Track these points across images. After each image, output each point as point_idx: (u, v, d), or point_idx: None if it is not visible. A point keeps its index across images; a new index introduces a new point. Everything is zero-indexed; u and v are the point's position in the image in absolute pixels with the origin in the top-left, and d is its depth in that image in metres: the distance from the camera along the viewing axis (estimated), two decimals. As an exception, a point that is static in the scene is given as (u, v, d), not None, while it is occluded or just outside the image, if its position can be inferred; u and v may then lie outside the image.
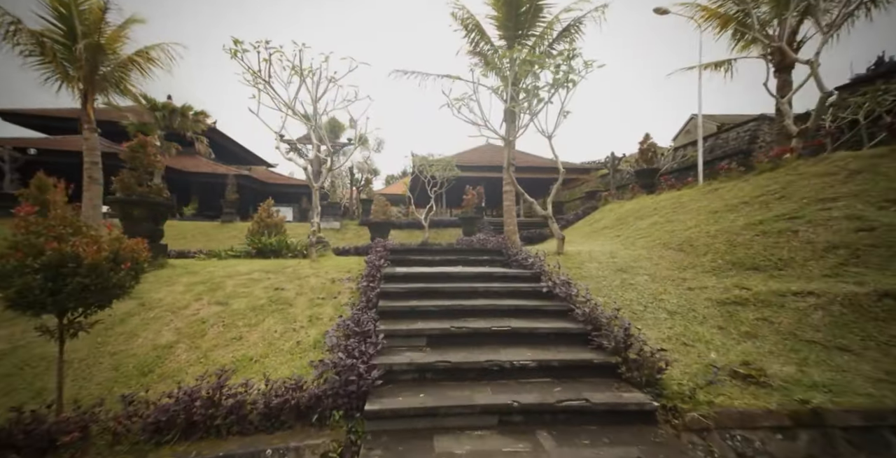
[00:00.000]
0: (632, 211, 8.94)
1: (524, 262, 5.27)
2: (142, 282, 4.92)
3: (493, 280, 4.60)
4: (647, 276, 4.91)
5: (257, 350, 3.63)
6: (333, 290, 4.97)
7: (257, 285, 5.01)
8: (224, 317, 4.17)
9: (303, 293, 4.84)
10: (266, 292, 4.79)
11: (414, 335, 3.29)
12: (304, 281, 5.22)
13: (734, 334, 3.40)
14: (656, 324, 3.81)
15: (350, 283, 5.23)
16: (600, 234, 8.54)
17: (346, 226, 17.33)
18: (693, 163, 16.72)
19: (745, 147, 14.57)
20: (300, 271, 5.64)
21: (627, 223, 8.09)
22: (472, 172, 20.09)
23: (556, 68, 5.64)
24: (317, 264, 6.11)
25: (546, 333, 3.37)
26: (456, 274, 4.68)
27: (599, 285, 4.83)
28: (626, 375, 2.79)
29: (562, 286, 4.05)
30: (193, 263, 5.88)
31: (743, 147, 14.63)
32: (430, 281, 4.51)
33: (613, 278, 5.02)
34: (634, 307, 4.18)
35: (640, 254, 5.73)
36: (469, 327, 3.32)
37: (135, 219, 4.76)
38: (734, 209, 5.48)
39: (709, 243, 4.96)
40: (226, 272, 5.32)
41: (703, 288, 4.18)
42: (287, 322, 4.16)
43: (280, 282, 5.14)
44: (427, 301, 3.88)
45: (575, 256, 6.28)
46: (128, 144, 4.88)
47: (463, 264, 5.83)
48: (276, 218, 9.59)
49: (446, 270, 5.07)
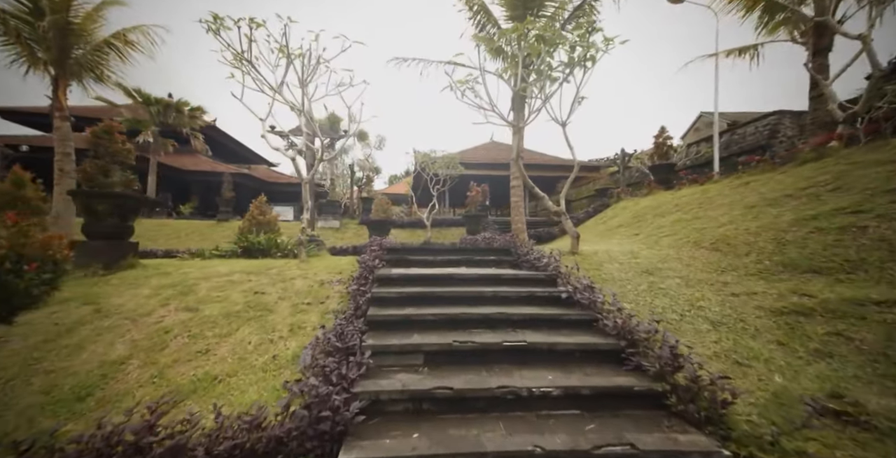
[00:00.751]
0: (649, 208, 8.29)
1: (536, 263, 4.66)
2: (101, 285, 4.41)
3: (502, 283, 4.00)
4: (678, 279, 4.29)
5: (224, 367, 3.06)
6: (321, 294, 4.40)
7: (235, 288, 4.45)
8: (191, 326, 3.60)
9: (286, 298, 4.27)
10: (244, 297, 4.22)
11: (409, 352, 2.70)
12: (289, 284, 4.65)
13: (801, 352, 2.77)
14: (698, 337, 3.20)
15: (340, 286, 4.65)
16: (616, 232, 7.90)
17: (345, 225, 16.80)
18: (707, 159, 16.00)
19: (764, 142, 13.84)
20: (286, 272, 5.07)
21: (646, 221, 7.45)
22: (476, 171, 19.49)
23: (571, 48, 5.04)
24: (306, 264, 5.55)
25: (570, 349, 2.77)
26: (459, 276, 4.08)
27: (624, 290, 4.22)
28: (678, 407, 2.18)
29: (584, 292, 3.45)
30: (170, 263, 5.34)
31: (762, 142, 13.90)
32: (430, 284, 3.92)
33: (639, 281, 4.40)
34: (668, 316, 3.56)
35: (666, 254, 5.10)
36: (475, 342, 2.73)
37: (98, 214, 4.22)
38: (776, 203, 4.83)
39: (750, 242, 4.32)
40: (202, 274, 4.77)
41: (750, 294, 3.55)
42: (264, 332, 3.59)
43: (262, 285, 4.58)
44: (425, 309, 3.29)
45: (591, 256, 5.66)
46: (91, 130, 4.36)
47: (467, 265, 5.23)
48: (268, 216, 9.04)
49: (448, 271, 4.48)
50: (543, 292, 3.67)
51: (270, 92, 5.56)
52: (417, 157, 17.09)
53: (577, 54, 5.04)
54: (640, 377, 2.43)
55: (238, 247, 6.59)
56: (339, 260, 6.36)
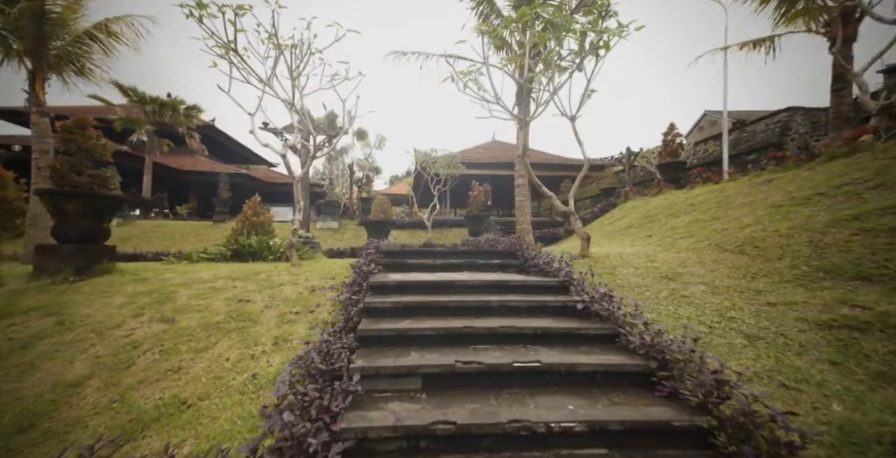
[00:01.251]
0: (660, 208, 7.90)
1: (546, 267, 4.28)
2: (70, 293, 4.05)
3: (509, 291, 3.63)
4: (702, 285, 3.90)
5: (196, 388, 2.69)
6: (311, 302, 4.04)
7: (218, 295, 4.09)
8: (165, 339, 3.24)
9: (272, 306, 3.91)
10: (227, 305, 3.86)
11: (404, 375, 2.33)
12: (277, 291, 4.29)
13: (860, 374, 2.39)
14: (732, 353, 2.82)
15: (333, 292, 4.29)
16: (626, 234, 7.51)
17: (344, 226, 16.46)
18: (715, 158, 15.57)
19: (775, 140, 13.41)
20: (275, 277, 4.71)
21: (658, 221, 7.06)
22: (477, 170, 19.12)
23: (581, 34, 4.66)
24: (297, 269, 5.19)
25: (591, 370, 2.39)
26: (462, 283, 3.71)
27: (643, 297, 3.84)
28: (729, 449, 1.80)
29: (602, 301, 3.07)
30: (151, 267, 4.98)
31: (773, 140, 13.47)
32: (430, 292, 3.55)
33: (658, 287, 4.02)
34: (696, 328, 3.18)
35: (686, 257, 4.71)
36: (482, 364, 2.35)
37: (68, 215, 3.87)
38: (807, 202, 4.44)
39: (782, 245, 3.93)
40: (183, 280, 4.41)
41: (789, 304, 3.16)
42: (245, 346, 3.23)
43: (247, 292, 4.22)
44: (424, 321, 2.92)
45: (603, 259, 5.28)
46: (61, 124, 4.02)
47: (470, 270, 4.86)
48: (262, 216, 8.68)
49: (450, 277, 4.11)
50: (556, 301, 3.29)
51: (260, 85, 5.20)
52: (418, 156, 16.75)
53: (588, 41, 4.67)
54: (677, 408, 2.05)
55: (227, 250, 6.24)
56: (333, 264, 6.00)
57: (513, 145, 25.26)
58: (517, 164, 7.43)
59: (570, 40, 4.93)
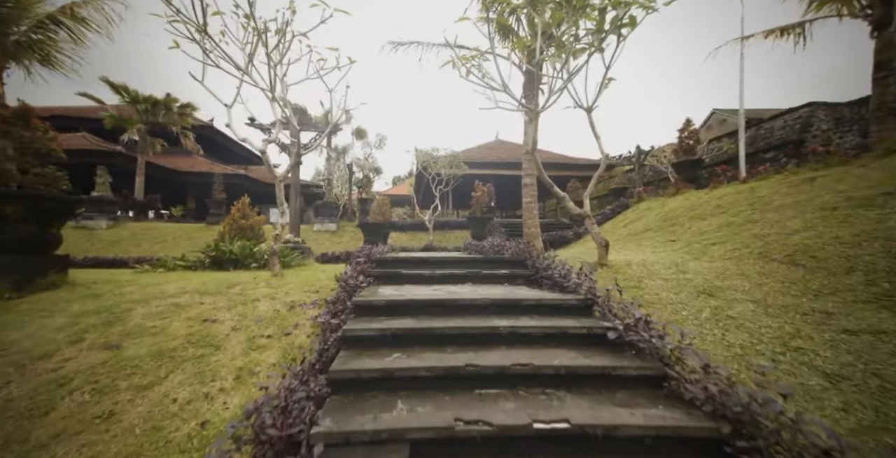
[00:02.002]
0: (681, 209, 7.24)
1: (562, 281, 3.66)
2: (1, 314, 3.49)
3: (521, 312, 3.01)
4: (751, 303, 3.27)
5: (125, 445, 2.10)
6: (288, 321, 3.45)
7: (180, 314, 3.50)
8: (102, 373, 2.66)
9: (242, 328, 3.32)
10: (188, 327, 3.28)
11: (385, 441, 1.72)
12: (251, 308, 3.70)
13: None
14: (811, 399, 2.20)
15: (315, 309, 3.70)
16: (643, 238, 6.87)
17: (343, 228, 15.90)
18: (729, 156, 14.86)
19: (795, 137, 12.69)
20: (250, 291, 4.13)
21: (680, 224, 6.41)
22: (480, 170, 18.51)
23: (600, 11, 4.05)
24: (279, 279, 4.60)
25: (637, 434, 1.78)
26: (464, 302, 3.09)
27: (679, 318, 3.21)
28: None
29: (640, 329, 2.44)
30: (111, 279, 4.41)
31: (793, 137, 12.75)
32: (425, 314, 2.95)
33: (697, 305, 3.39)
34: (754, 361, 2.56)
35: (723, 268, 4.07)
36: (490, 425, 1.75)
37: (6, 219, 3.31)
38: (870, 204, 3.80)
39: (848, 255, 3.29)
40: (143, 295, 3.84)
41: (876, 333, 2.52)
42: (201, 381, 2.64)
43: (215, 309, 3.63)
44: (417, 356, 2.32)
45: (624, 268, 4.66)
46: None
47: (473, 282, 4.25)
48: (251, 219, 8.14)
49: (450, 293, 3.50)
50: (579, 327, 2.67)
51: (237, 72, 4.63)
52: (419, 155, 16.16)
53: (609, 18, 4.05)
54: (774, 504, 1.43)
55: (206, 257, 5.67)
56: (321, 272, 5.42)
57: (517, 145, 24.61)
58: (524, 161, 6.81)
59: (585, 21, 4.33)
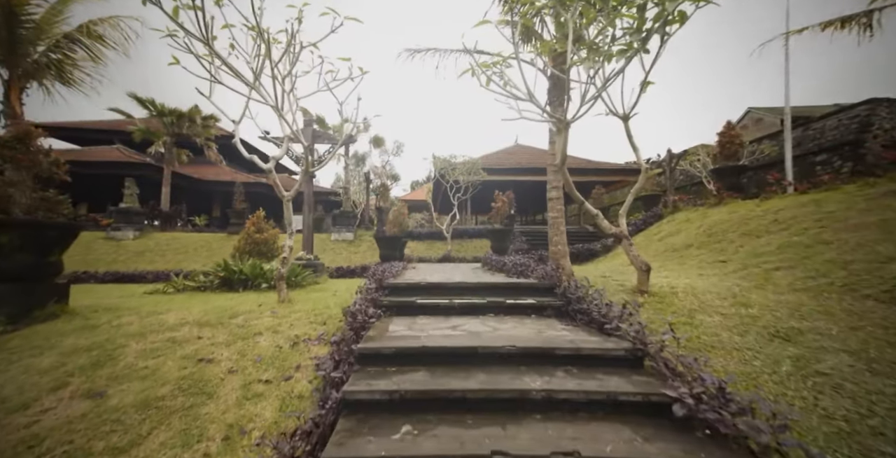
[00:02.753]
0: (728, 223, 6.49)
1: (601, 318, 3.14)
2: None
3: (556, 364, 2.53)
4: (846, 354, 2.64)
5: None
6: (290, 362, 3.10)
7: (175, 351, 3.22)
8: (79, 430, 2.37)
9: (239, 370, 2.99)
10: (181, 368, 2.98)
11: None
12: (251, 344, 3.38)
13: None
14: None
15: (320, 346, 3.34)
16: (685, 255, 6.17)
17: (360, 237, 15.73)
18: (771, 160, 13.68)
19: (851, 137, 11.47)
20: (254, 322, 3.82)
21: (730, 242, 5.70)
22: (499, 176, 17.99)
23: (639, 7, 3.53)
24: (285, 307, 4.29)
25: None
26: (487, 351, 2.63)
27: (751, 370, 2.63)
28: None
29: (719, 404, 1.90)
30: (114, 306, 4.22)
31: (848, 138, 11.54)
32: (441, 364, 2.51)
33: (769, 353, 2.79)
34: (868, 443, 1.96)
35: (796, 302, 3.42)
36: None
37: (2, 249, 3.14)
38: None
39: (976, 297, 2.60)
40: (141, 326, 3.60)
41: None
42: (185, 442, 2.30)
43: (213, 345, 3.33)
44: (430, 434, 1.88)
45: (669, 296, 4.07)
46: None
47: (496, 314, 3.79)
48: (266, 233, 7.98)
49: (471, 332, 3.06)
50: (633, 393, 2.15)
51: (245, 87, 4.40)
52: (437, 162, 15.86)
53: (652, 15, 3.52)
54: None
55: (215, 277, 5.46)
56: (332, 295, 5.09)
57: (538, 149, 23.88)
58: (549, 173, 6.28)
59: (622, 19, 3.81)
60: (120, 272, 8.61)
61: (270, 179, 4.36)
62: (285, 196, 4.47)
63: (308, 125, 7.18)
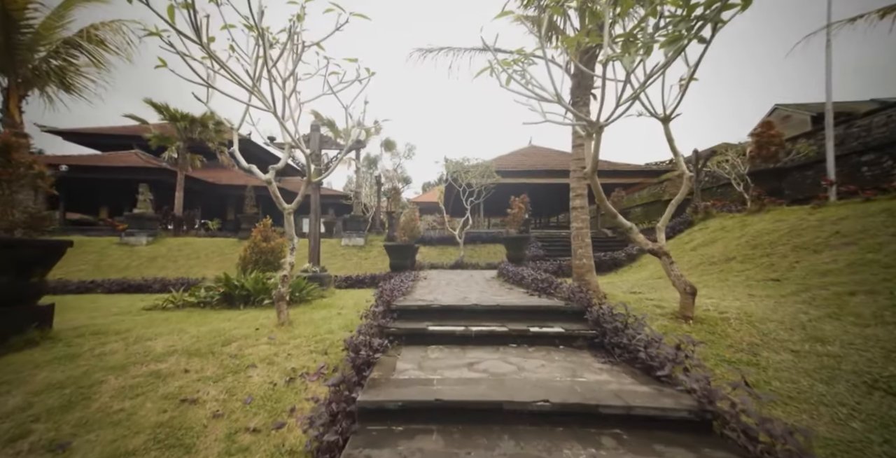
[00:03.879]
0: (775, 234, 5.82)
1: (648, 360, 2.63)
2: None
3: (600, 425, 2.04)
4: (975, 422, 2.05)
5: None
6: (283, 404, 2.69)
7: (158, 388, 2.86)
8: (33, 496, 2.01)
9: (225, 414, 2.59)
10: (160, 411, 2.61)
11: None
12: (242, 379, 3.00)
13: None
14: None
15: (318, 384, 2.93)
16: (727, 270, 5.53)
17: (371, 242, 15.43)
18: (808, 161, 12.71)
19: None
20: (248, 349, 3.45)
21: (782, 256, 5.05)
22: (513, 178, 17.43)
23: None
24: (285, 331, 3.91)
25: None
26: (514, 404, 2.16)
27: (849, 437, 2.08)
28: None
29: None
30: (103, 327, 3.91)
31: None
32: (456, 422, 2.06)
33: (873, 411, 2.24)
34: None
35: (891, 339, 2.82)
36: None
37: (-25, 272, 2.86)
38: None
39: None
40: (125, 356, 3.27)
41: None
42: (152, 515, 1.91)
43: (200, 380, 2.96)
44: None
45: (720, 323, 3.53)
46: (-27, 151, 3.09)
47: (518, 344, 3.32)
48: (272, 242, 7.69)
49: (490, 371, 2.61)
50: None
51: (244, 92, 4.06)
52: (449, 166, 15.42)
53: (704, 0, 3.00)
54: None
55: (215, 293, 5.15)
56: (336, 314, 4.70)
57: (553, 150, 23.18)
58: (573, 180, 5.76)
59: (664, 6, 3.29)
60: (127, 282, 8.48)
61: (271, 190, 4.00)
62: (286, 209, 4.10)
63: (315, 130, 6.85)
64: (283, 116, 4.11)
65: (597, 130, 3.65)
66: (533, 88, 3.85)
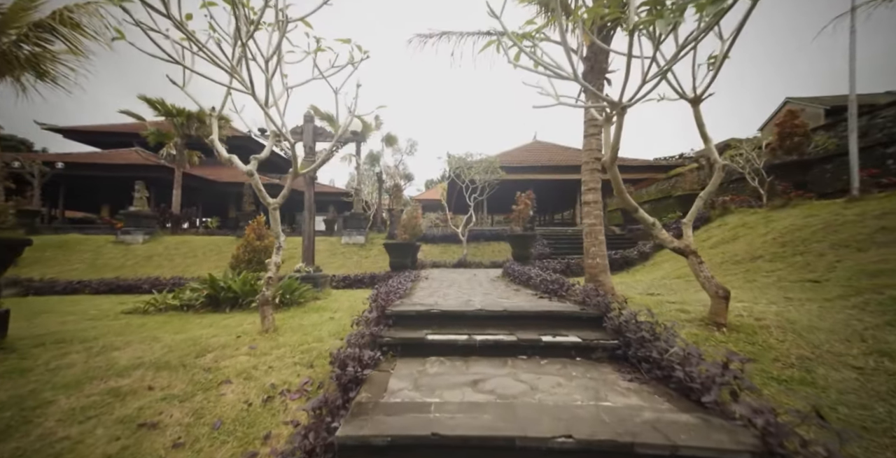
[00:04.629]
0: (807, 230, 5.35)
1: (684, 375, 2.21)
2: None
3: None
4: None
5: None
6: (257, 429, 2.30)
7: (114, 410, 2.48)
8: None
9: (188, 443, 2.21)
10: (113, 438, 2.23)
11: None
12: (214, 396, 2.61)
13: None
14: None
15: (300, 402, 2.55)
16: (753, 270, 5.07)
17: (372, 240, 15.05)
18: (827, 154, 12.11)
19: (932, 126, 9.90)
20: (225, 361, 3.07)
21: (818, 254, 4.58)
22: (517, 174, 16.95)
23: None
24: (268, 339, 3.53)
25: None
26: (527, 441, 1.76)
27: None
28: None
29: None
30: (67, 335, 3.55)
31: (928, 126, 9.96)
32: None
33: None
34: None
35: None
36: None
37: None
38: None
39: None
40: (84, 369, 2.90)
41: None
42: None
43: (165, 399, 2.58)
44: None
45: (760, 332, 3.11)
46: None
47: (528, 356, 2.92)
48: (266, 241, 7.31)
49: (497, 391, 2.21)
50: None
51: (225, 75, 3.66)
52: (452, 161, 14.98)
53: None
54: None
55: (201, 295, 4.79)
56: (328, 318, 4.31)
57: (558, 145, 22.60)
58: (585, 173, 5.32)
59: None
60: (116, 282, 8.16)
61: (252, 183, 3.61)
62: (271, 203, 3.71)
63: (309, 121, 6.46)
64: (267, 101, 3.70)
65: (619, 111, 3.21)
66: (546, 65, 3.40)
